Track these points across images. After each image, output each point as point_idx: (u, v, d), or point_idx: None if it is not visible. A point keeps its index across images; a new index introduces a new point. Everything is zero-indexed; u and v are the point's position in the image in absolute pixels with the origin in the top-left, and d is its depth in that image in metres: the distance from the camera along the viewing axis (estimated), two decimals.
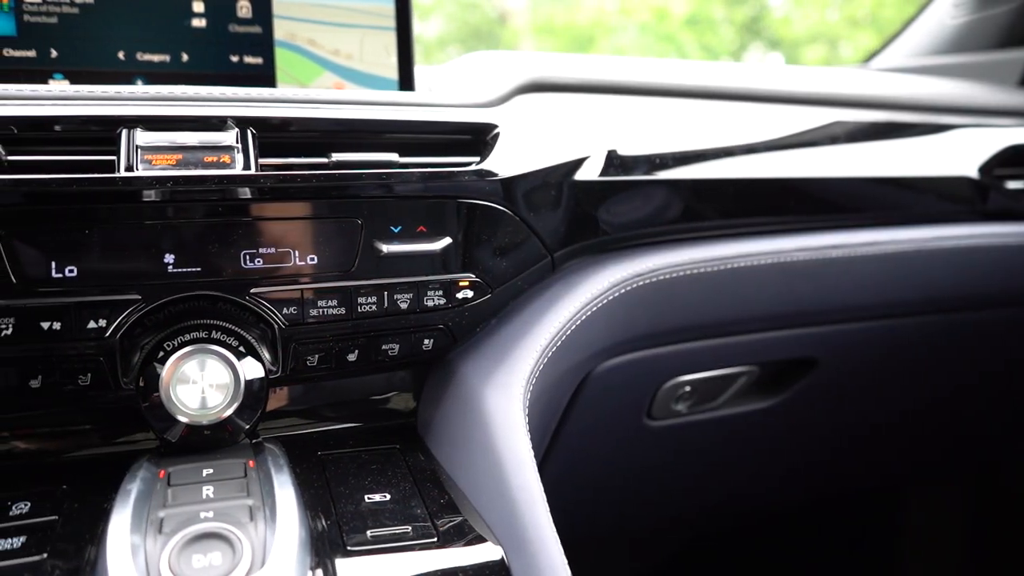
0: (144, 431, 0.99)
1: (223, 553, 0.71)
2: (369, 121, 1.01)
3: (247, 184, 0.91)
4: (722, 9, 11.26)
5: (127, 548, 0.70)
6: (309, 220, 0.94)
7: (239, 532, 0.72)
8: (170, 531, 0.74)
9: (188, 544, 0.71)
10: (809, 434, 1.57)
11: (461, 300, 1.02)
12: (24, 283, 0.85)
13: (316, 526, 0.82)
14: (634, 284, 1.13)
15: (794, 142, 1.30)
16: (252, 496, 0.81)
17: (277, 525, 0.75)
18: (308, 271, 0.95)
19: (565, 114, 1.19)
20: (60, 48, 1.16)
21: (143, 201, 0.88)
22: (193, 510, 0.77)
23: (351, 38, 1.29)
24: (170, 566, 0.69)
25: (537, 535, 0.82)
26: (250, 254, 0.93)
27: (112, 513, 0.76)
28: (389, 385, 1.12)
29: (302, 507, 0.79)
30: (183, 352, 0.90)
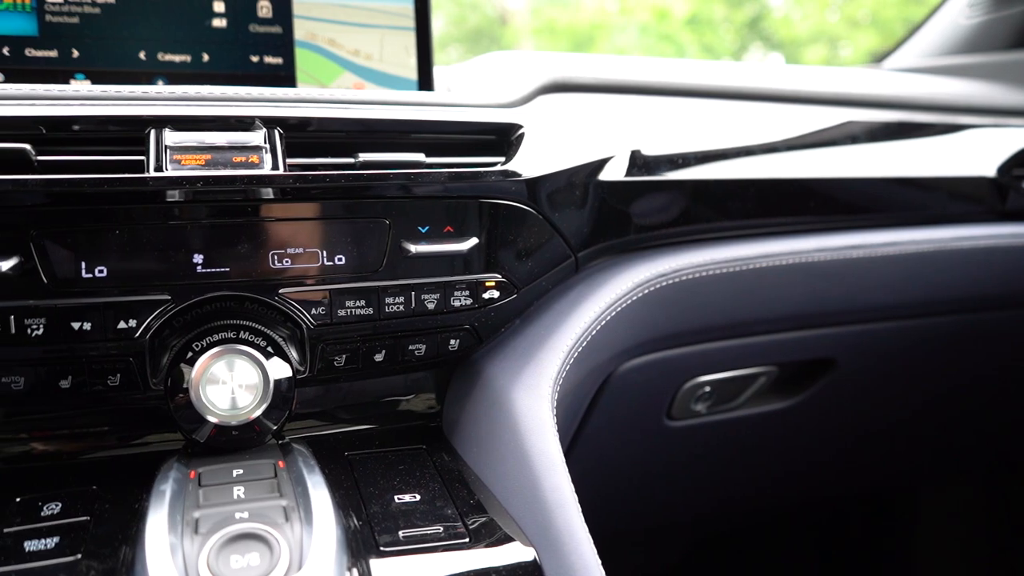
0: (170, 432, 0.99)
1: (261, 554, 0.71)
2: (396, 121, 1.01)
3: (276, 184, 0.91)
4: (722, 9, 11.27)
5: (166, 548, 0.70)
6: (337, 220, 0.94)
7: (276, 533, 0.72)
8: (206, 531, 0.73)
9: (226, 544, 0.71)
10: (826, 434, 1.57)
11: (487, 300, 1.02)
12: (55, 283, 0.85)
13: (348, 526, 0.82)
14: (657, 284, 1.13)
15: (814, 142, 1.30)
16: (285, 497, 0.81)
17: (313, 526, 0.74)
18: (336, 271, 0.95)
19: (588, 114, 1.19)
20: (81, 48, 1.16)
21: (173, 201, 0.88)
22: (228, 511, 0.77)
23: (371, 38, 1.29)
24: (209, 566, 0.69)
25: (570, 536, 0.82)
26: (278, 254, 0.93)
27: (148, 513, 0.76)
28: (412, 386, 1.12)
29: (337, 508, 0.79)
30: (212, 352, 0.89)
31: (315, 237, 0.94)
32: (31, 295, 0.85)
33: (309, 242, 0.93)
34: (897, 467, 1.81)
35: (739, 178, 1.21)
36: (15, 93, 0.94)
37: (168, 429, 0.99)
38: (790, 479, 1.69)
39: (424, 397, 1.12)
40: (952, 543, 1.97)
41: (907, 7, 10.57)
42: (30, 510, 0.84)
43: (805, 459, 1.64)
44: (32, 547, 0.78)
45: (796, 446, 1.57)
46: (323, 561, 0.71)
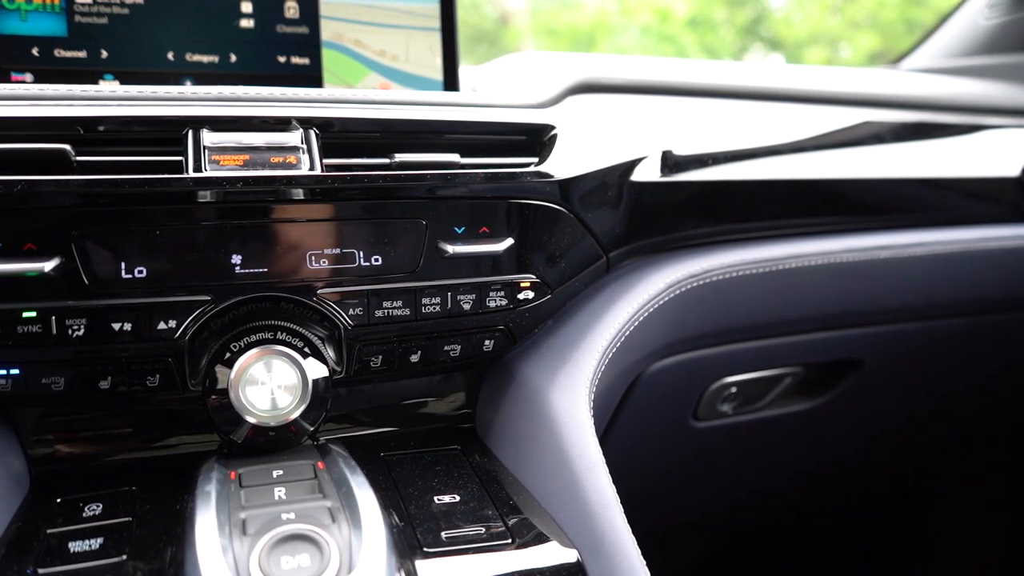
0: (204, 433, 0.99)
1: (311, 555, 0.71)
2: (432, 122, 1.01)
3: (314, 184, 0.91)
4: (723, 10, 11.28)
5: (217, 549, 0.70)
6: (374, 221, 0.94)
7: (326, 534, 0.72)
8: (255, 532, 0.73)
9: (276, 545, 0.71)
10: (849, 434, 1.57)
11: (522, 301, 1.01)
12: (96, 284, 0.85)
13: (393, 527, 0.82)
14: (689, 285, 1.13)
15: (840, 143, 1.30)
16: (329, 498, 0.81)
17: (362, 528, 0.74)
18: (373, 272, 0.95)
19: (617, 115, 1.19)
20: (110, 48, 1.15)
21: (213, 202, 0.88)
22: (273, 511, 0.77)
23: (397, 39, 1.29)
24: (260, 567, 0.69)
25: (614, 538, 0.82)
26: (315, 255, 0.93)
27: (195, 514, 0.76)
28: (443, 387, 1.12)
29: (383, 509, 0.79)
30: (251, 353, 0.89)
31: (352, 237, 0.94)
32: (72, 296, 0.84)
33: (346, 243, 0.93)
34: (919, 467, 1.81)
35: (768, 179, 1.21)
36: (52, 93, 0.94)
37: (203, 430, 0.99)
38: (812, 479, 1.69)
39: (455, 398, 1.12)
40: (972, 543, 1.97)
41: (909, 8, 10.59)
42: (72, 511, 0.84)
43: (827, 459, 1.64)
44: (77, 548, 0.78)
45: (819, 447, 1.57)
46: (374, 562, 0.71)
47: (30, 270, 0.81)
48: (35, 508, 0.85)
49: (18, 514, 0.84)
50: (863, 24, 10.72)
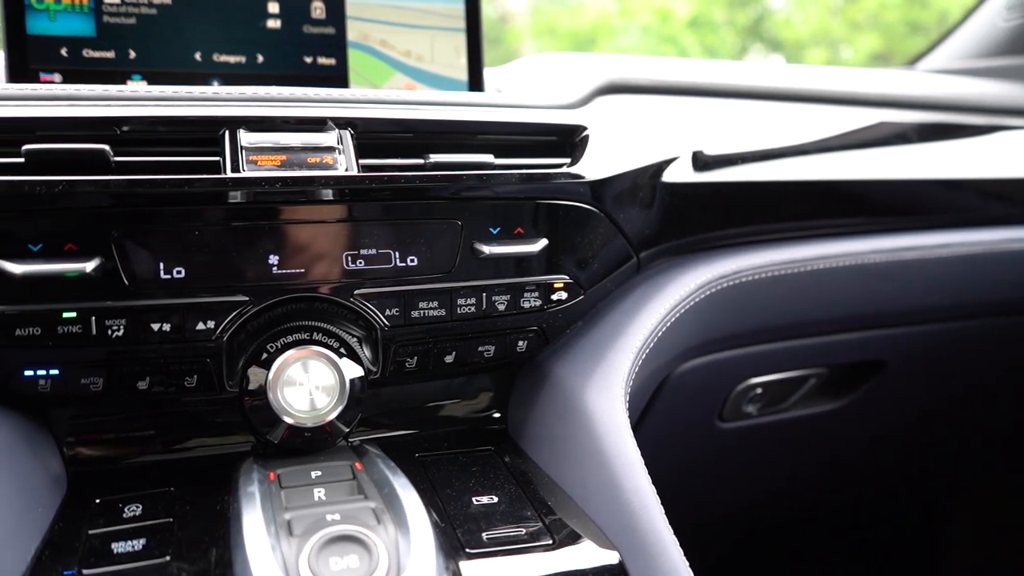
0: (238, 433, 0.99)
1: (359, 556, 0.70)
2: (466, 122, 1.01)
3: (352, 184, 0.90)
4: (724, 11, 11.29)
5: (267, 550, 0.70)
6: (411, 221, 0.94)
7: (374, 535, 0.72)
8: (301, 533, 0.73)
9: (324, 546, 0.71)
10: (872, 435, 1.57)
11: (556, 302, 1.01)
12: (135, 284, 0.85)
13: (436, 528, 0.81)
14: (719, 286, 1.13)
15: (866, 143, 1.30)
16: (372, 499, 0.80)
17: (410, 529, 0.74)
18: (409, 272, 0.94)
19: (647, 115, 1.19)
20: (138, 49, 1.15)
21: (251, 202, 0.88)
22: (318, 512, 0.77)
23: (422, 39, 1.29)
24: (310, 567, 0.69)
25: (656, 538, 0.82)
26: (352, 255, 0.92)
27: (241, 515, 0.76)
28: (473, 388, 1.12)
29: (429, 511, 0.79)
30: (289, 354, 0.89)
31: (389, 238, 0.93)
32: (112, 296, 0.84)
33: (383, 243, 0.93)
34: (938, 468, 1.81)
35: (796, 179, 1.21)
36: (87, 94, 0.93)
37: (236, 431, 0.99)
38: (830, 480, 1.69)
39: (486, 399, 1.12)
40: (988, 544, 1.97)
41: (911, 10, 10.60)
42: (112, 512, 0.84)
43: (846, 460, 1.64)
44: (120, 549, 0.77)
45: (839, 448, 1.57)
46: (423, 564, 0.71)
47: (72, 270, 0.81)
48: (74, 508, 0.85)
49: (58, 514, 0.84)
50: (864, 25, 10.73)
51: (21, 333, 0.82)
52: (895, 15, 10.61)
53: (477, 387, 1.11)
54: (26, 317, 0.82)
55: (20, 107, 0.89)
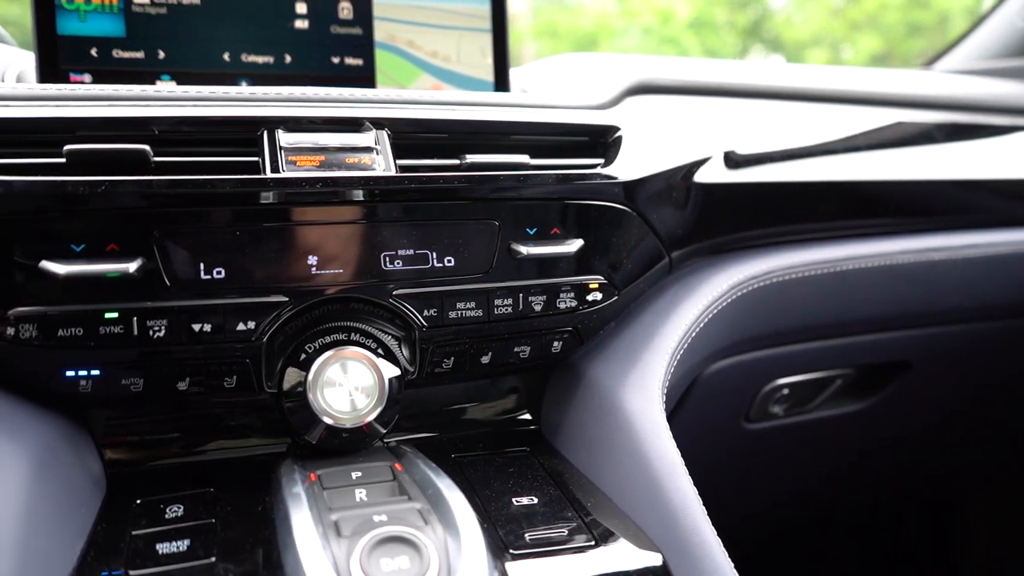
0: (273, 435, 0.99)
1: (410, 557, 0.70)
2: (501, 123, 1.00)
3: (392, 185, 0.90)
4: (725, 12, 11.31)
5: (319, 550, 0.70)
6: (448, 222, 0.94)
7: (424, 537, 0.72)
8: (350, 534, 0.73)
9: (375, 547, 0.71)
10: (893, 436, 1.57)
11: (591, 302, 1.01)
12: (176, 285, 0.85)
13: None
14: (750, 287, 1.13)
15: (893, 144, 1.30)
16: (416, 500, 0.80)
17: (460, 531, 0.74)
18: (446, 273, 0.94)
19: (677, 116, 1.19)
20: (167, 49, 1.15)
21: (291, 202, 0.88)
22: (364, 513, 0.76)
23: (448, 40, 1.29)
24: (362, 568, 0.69)
25: (700, 539, 0.82)
26: (390, 255, 0.92)
27: (289, 516, 0.76)
28: (504, 388, 1.12)
29: (476, 512, 0.78)
30: (329, 354, 0.89)
31: (426, 238, 0.93)
32: (153, 296, 0.84)
33: (420, 243, 0.93)
34: (960, 469, 1.81)
35: (826, 180, 1.21)
36: (125, 94, 0.93)
37: (271, 432, 0.99)
38: (852, 481, 1.69)
39: (518, 399, 1.12)
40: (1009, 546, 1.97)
41: (911, 11, 10.62)
42: (153, 512, 0.84)
43: (868, 461, 1.64)
44: (164, 550, 0.77)
45: (862, 449, 1.57)
46: (476, 566, 0.71)
47: (116, 271, 0.81)
48: (115, 509, 0.85)
49: (100, 515, 0.84)
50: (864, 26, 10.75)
51: (63, 333, 0.82)
52: (895, 16, 10.63)
53: (507, 388, 1.11)
54: (68, 317, 0.82)
55: (59, 107, 0.88)
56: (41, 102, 0.89)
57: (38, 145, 0.86)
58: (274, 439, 0.99)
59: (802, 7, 11.84)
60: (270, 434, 0.99)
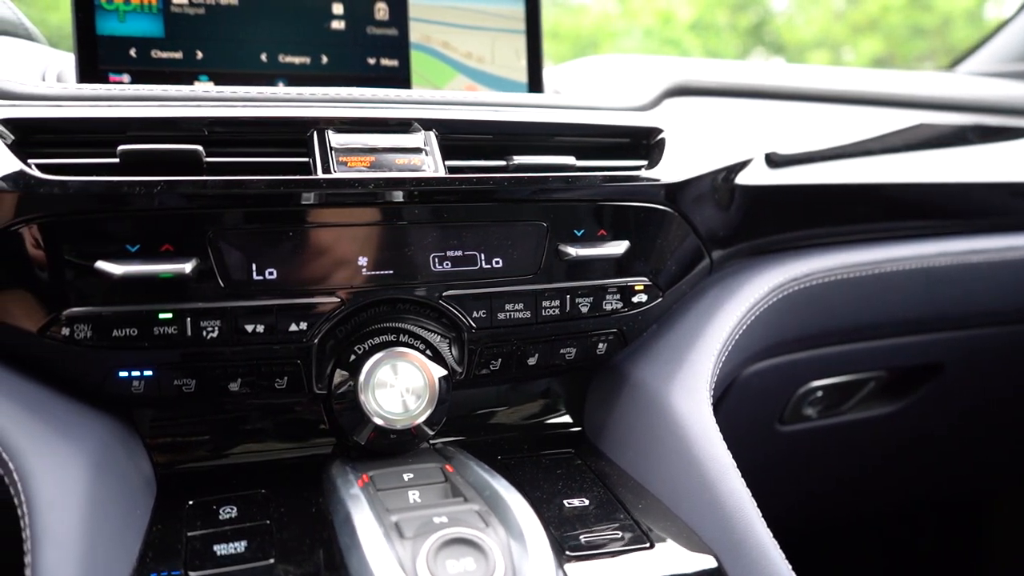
0: (319, 435, 0.99)
1: (475, 559, 0.70)
2: (547, 124, 1.00)
3: (443, 186, 0.90)
4: (726, 14, 11.31)
5: (387, 551, 0.70)
6: (497, 223, 0.94)
7: (488, 539, 0.72)
8: (413, 536, 0.73)
9: (440, 549, 0.70)
10: (924, 439, 1.57)
11: (636, 304, 1.01)
12: (229, 285, 0.84)
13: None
14: (791, 289, 1.13)
15: (930, 146, 1.31)
16: (473, 501, 0.80)
17: (524, 533, 0.74)
18: (495, 274, 0.94)
19: (717, 118, 1.19)
20: (206, 49, 1.15)
21: (343, 203, 0.88)
22: (425, 515, 0.76)
23: (483, 41, 1.29)
24: (428, 569, 0.69)
25: (756, 542, 0.82)
26: (439, 257, 0.92)
27: (352, 517, 0.75)
28: (545, 389, 1.12)
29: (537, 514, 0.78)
30: (379, 355, 0.89)
31: (475, 240, 0.93)
32: (207, 297, 0.84)
33: (469, 245, 0.93)
34: (988, 472, 1.81)
35: (864, 182, 1.21)
36: (175, 95, 0.93)
37: (318, 433, 0.98)
38: (883, 483, 1.69)
39: (557, 401, 1.12)
40: None
41: (913, 13, 10.63)
42: (207, 514, 0.84)
43: (900, 464, 1.64)
44: (222, 551, 0.77)
45: (893, 451, 1.57)
46: (543, 568, 0.70)
47: (172, 271, 0.81)
48: (168, 510, 0.85)
49: (153, 516, 0.83)
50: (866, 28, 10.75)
51: (118, 334, 0.82)
52: (897, 18, 10.63)
53: (546, 390, 1.11)
54: (122, 318, 0.82)
55: (110, 107, 0.88)
56: (90, 102, 0.89)
57: (90, 145, 0.86)
58: (319, 440, 0.98)
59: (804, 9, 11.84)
60: (315, 435, 0.99)
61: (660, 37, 10.87)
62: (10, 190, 0.78)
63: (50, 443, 0.76)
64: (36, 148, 0.83)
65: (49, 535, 0.69)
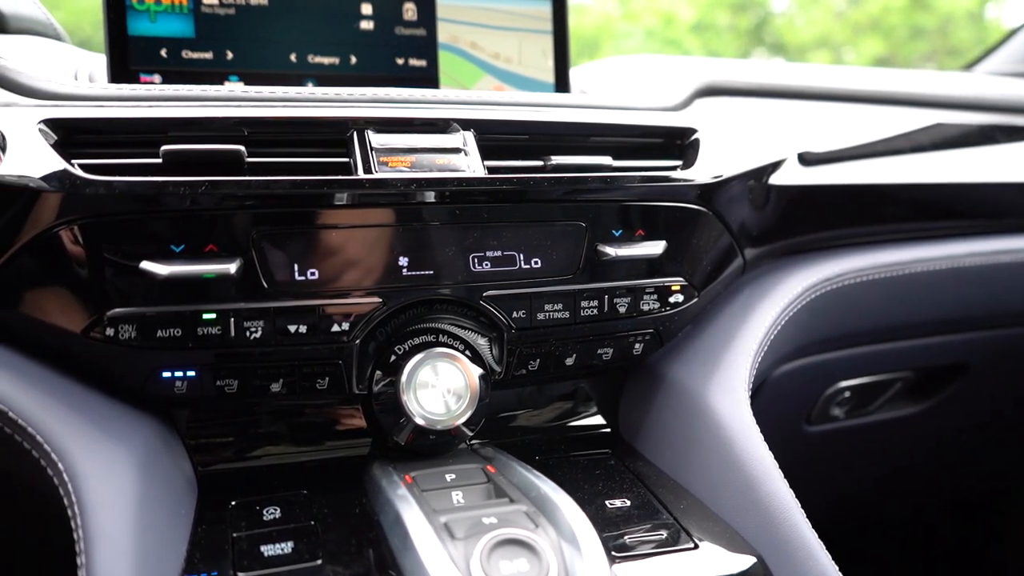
0: (355, 436, 0.98)
1: (528, 560, 0.70)
2: (584, 124, 1.00)
3: (484, 186, 0.90)
4: (727, 15, 11.31)
5: (441, 552, 0.69)
6: (536, 223, 0.94)
7: (541, 540, 0.71)
8: (464, 536, 0.72)
9: (493, 550, 0.70)
10: (948, 439, 1.57)
11: (673, 304, 1.01)
12: (272, 286, 0.84)
13: None
14: (823, 289, 1.13)
15: (958, 145, 1.31)
16: (519, 502, 0.80)
17: (577, 535, 0.73)
18: (534, 275, 0.94)
19: (749, 118, 1.19)
20: (235, 50, 1.15)
21: (384, 203, 0.88)
22: (474, 515, 0.76)
23: (510, 41, 1.29)
24: (483, 570, 0.68)
25: (802, 543, 0.82)
26: (478, 257, 0.92)
27: (403, 517, 0.75)
28: (576, 390, 1.11)
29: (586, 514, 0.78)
30: (419, 356, 0.89)
31: (515, 240, 0.93)
32: (250, 297, 0.84)
33: (508, 245, 0.93)
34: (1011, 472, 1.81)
35: (895, 182, 1.22)
36: (213, 95, 0.93)
37: (354, 433, 0.98)
38: (906, 483, 1.69)
39: (589, 402, 1.11)
40: None
41: (913, 13, 10.64)
42: (251, 514, 0.83)
43: (923, 464, 1.64)
44: (269, 552, 0.77)
45: (917, 451, 1.57)
46: (597, 570, 0.70)
47: (217, 272, 0.81)
48: (211, 511, 0.84)
49: (197, 516, 0.83)
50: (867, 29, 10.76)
51: (162, 334, 0.81)
52: (898, 19, 10.64)
53: (577, 391, 1.11)
54: (167, 318, 0.81)
55: (150, 108, 0.88)
56: (130, 103, 0.89)
57: (129, 146, 0.86)
58: (356, 441, 0.98)
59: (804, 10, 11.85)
60: (351, 436, 0.98)
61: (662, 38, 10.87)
62: (56, 190, 0.78)
63: (98, 443, 0.76)
64: (77, 148, 0.83)
65: (102, 535, 0.69)
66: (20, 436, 0.75)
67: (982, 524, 2.01)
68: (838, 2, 11.45)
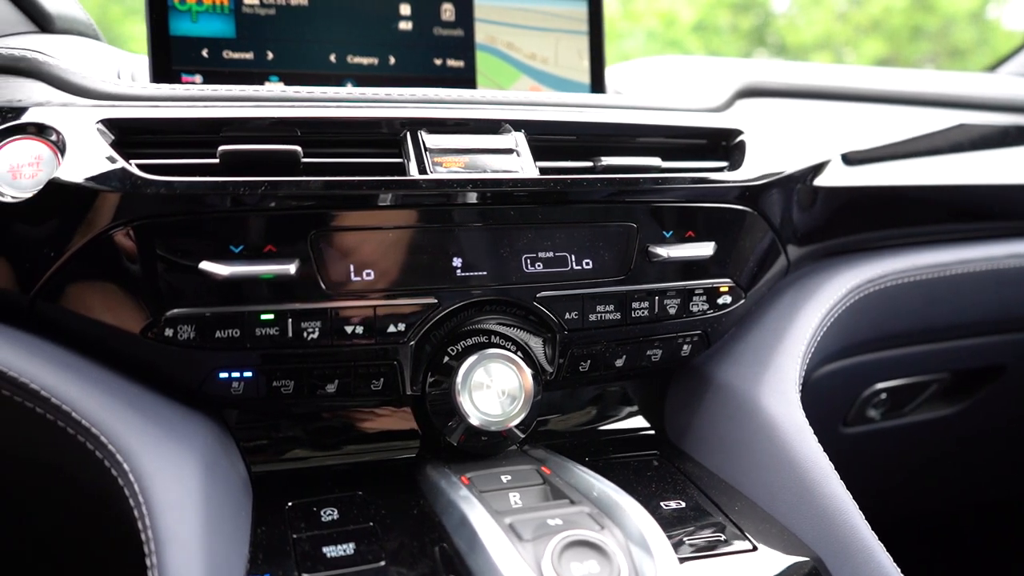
0: (404, 437, 0.98)
1: (599, 562, 0.70)
2: (632, 126, 1.00)
3: (538, 187, 0.90)
4: (728, 16, 11.31)
5: (514, 554, 0.69)
6: (588, 224, 0.94)
7: (609, 541, 0.71)
8: (532, 538, 0.72)
9: (563, 551, 0.70)
10: (984, 440, 1.57)
11: (721, 305, 1.01)
12: (329, 286, 0.84)
13: None
14: (868, 290, 1.13)
15: (996, 146, 1.31)
16: (581, 504, 0.80)
17: (646, 536, 0.73)
18: (586, 276, 0.94)
19: (790, 119, 1.19)
20: (276, 50, 1.15)
21: (440, 204, 0.87)
22: (539, 517, 0.76)
23: (547, 42, 1.29)
24: (555, 571, 0.68)
25: (862, 544, 0.82)
26: (531, 258, 0.92)
27: (469, 518, 0.75)
28: (618, 392, 1.11)
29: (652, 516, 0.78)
30: (473, 357, 0.88)
31: (566, 241, 0.93)
32: (307, 298, 0.84)
33: (560, 246, 0.93)
34: None
35: (937, 184, 1.22)
36: (266, 95, 0.93)
37: (403, 434, 0.98)
38: (943, 484, 1.69)
39: (633, 404, 1.11)
40: None
41: (915, 14, 10.64)
42: (309, 516, 0.83)
43: (956, 466, 1.64)
44: (332, 553, 0.77)
45: (951, 453, 1.57)
46: (668, 571, 0.70)
47: (277, 272, 0.80)
48: (268, 512, 0.84)
49: (255, 518, 0.83)
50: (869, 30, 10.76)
51: (221, 335, 0.81)
52: (899, 19, 10.64)
53: (620, 393, 1.11)
54: (225, 319, 0.81)
55: (204, 108, 0.88)
56: (184, 103, 0.89)
57: (182, 146, 0.86)
58: (406, 442, 0.98)
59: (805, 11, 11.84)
60: (401, 437, 0.98)
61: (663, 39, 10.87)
62: (115, 190, 0.78)
63: (162, 444, 0.76)
64: (132, 148, 0.83)
65: (172, 536, 0.68)
66: (83, 436, 0.75)
67: (1011, 525, 2.01)
68: (840, 3, 11.45)
